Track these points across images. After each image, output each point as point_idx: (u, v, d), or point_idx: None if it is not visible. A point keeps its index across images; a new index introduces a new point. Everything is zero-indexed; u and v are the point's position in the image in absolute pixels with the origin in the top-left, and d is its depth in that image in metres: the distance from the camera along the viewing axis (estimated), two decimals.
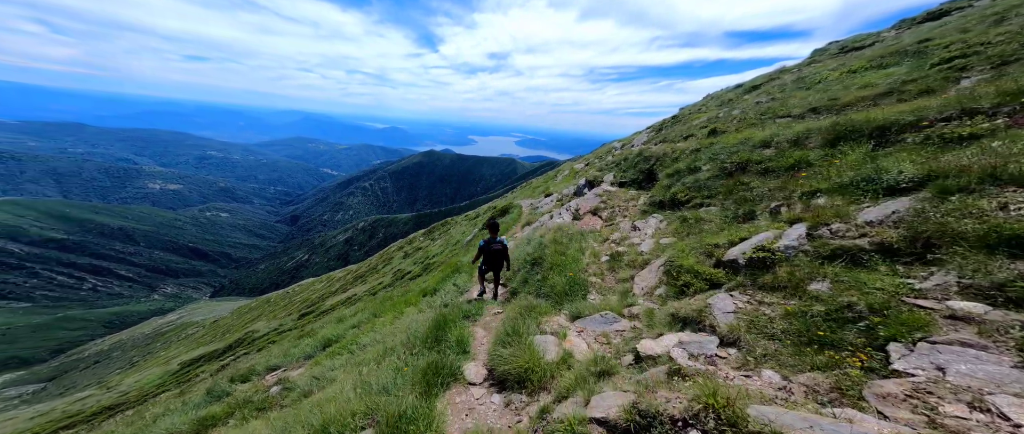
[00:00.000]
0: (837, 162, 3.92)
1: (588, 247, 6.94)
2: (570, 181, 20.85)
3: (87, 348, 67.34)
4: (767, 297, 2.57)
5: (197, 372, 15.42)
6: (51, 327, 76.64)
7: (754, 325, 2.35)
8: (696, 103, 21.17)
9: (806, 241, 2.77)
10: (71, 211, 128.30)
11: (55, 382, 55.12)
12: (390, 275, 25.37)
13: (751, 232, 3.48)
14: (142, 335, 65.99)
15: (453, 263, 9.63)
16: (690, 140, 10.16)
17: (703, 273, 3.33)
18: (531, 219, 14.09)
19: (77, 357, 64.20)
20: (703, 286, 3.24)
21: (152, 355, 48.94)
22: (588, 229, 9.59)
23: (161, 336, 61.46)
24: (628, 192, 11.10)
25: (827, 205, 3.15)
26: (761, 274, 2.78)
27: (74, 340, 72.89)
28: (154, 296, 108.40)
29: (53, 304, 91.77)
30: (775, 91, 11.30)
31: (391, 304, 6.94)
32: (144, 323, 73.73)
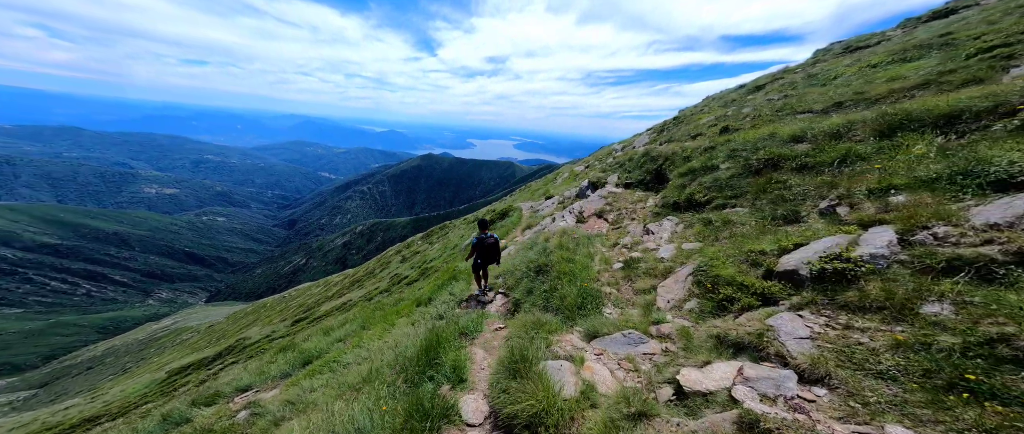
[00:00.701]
0: (901, 155, 3.39)
1: (597, 252, 6.37)
2: (570, 183, 20.34)
3: (80, 354, 66.07)
4: (856, 320, 2.02)
5: (184, 381, 14.69)
6: (44, 333, 75.31)
7: (849, 358, 1.80)
8: (697, 105, 20.76)
9: (900, 249, 2.22)
10: (65, 216, 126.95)
11: (46, 389, 53.97)
12: (387, 280, 24.71)
13: (806, 236, 2.93)
14: (136, 341, 64.85)
15: (450, 269, 9.03)
16: (700, 139, 9.67)
17: (751, 286, 2.77)
18: (532, 222, 13.52)
19: (70, 363, 62.99)
20: (753, 301, 2.68)
21: (145, 361, 47.91)
22: (594, 232, 9.03)
23: (155, 342, 60.35)
24: (635, 193, 10.57)
25: (917, 204, 2.59)
26: (840, 290, 2.22)
27: (67, 346, 71.57)
28: (149, 301, 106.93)
29: (46, 310, 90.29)
30: (786, 89, 10.85)
31: (382, 315, 6.34)
32: (138, 329, 72.53)
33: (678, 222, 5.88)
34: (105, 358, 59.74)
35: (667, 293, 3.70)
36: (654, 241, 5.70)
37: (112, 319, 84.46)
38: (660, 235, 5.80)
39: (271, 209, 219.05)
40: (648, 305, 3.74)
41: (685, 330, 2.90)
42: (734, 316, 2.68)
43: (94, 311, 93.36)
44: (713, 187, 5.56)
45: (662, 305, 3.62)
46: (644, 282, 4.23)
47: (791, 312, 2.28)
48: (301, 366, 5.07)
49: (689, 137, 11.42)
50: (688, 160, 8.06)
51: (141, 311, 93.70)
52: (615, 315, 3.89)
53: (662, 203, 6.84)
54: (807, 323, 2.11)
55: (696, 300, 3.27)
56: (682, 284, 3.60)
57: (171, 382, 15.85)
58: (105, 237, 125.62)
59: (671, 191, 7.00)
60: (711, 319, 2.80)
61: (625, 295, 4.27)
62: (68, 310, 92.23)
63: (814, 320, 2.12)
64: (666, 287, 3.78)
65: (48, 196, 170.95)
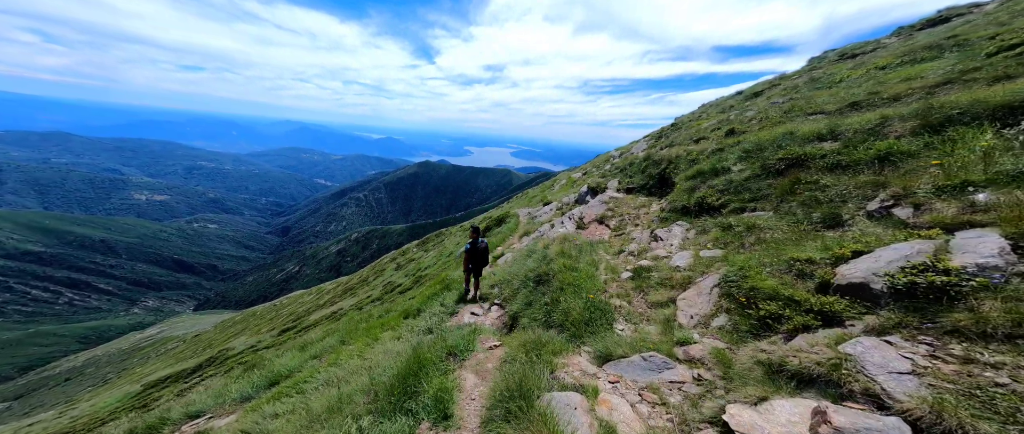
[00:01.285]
0: (961, 149, 2.96)
1: (601, 260, 5.87)
2: (568, 190, 19.95)
3: (59, 365, 63.14)
4: (978, 351, 1.52)
5: (157, 396, 13.64)
6: (21, 343, 72.09)
7: (987, 405, 1.29)
8: (693, 112, 20.71)
9: (1016, 258, 1.74)
10: (50, 223, 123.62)
11: (21, 401, 51.18)
12: (380, 288, 23.90)
13: (867, 242, 2.47)
14: (119, 351, 62.24)
15: (442, 278, 8.44)
16: (704, 142, 9.34)
17: (803, 301, 2.28)
18: (529, 229, 13.01)
19: (48, 374, 60.07)
20: (809, 321, 2.19)
21: (127, 371, 45.76)
22: (596, 239, 8.54)
23: (139, 351, 57.93)
24: (637, 198, 10.16)
25: (1018, 203, 2.11)
26: (941, 311, 1.73)
27: (46, 356, 68.45)
28: (135, 310, 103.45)
29: (26, 319, 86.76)
30: (789, 92, 10.65)
31: (365, 328, 5.72)
32: (122, 338, 69.82)
33: (689, 227, 5.41)
34: (85, 369, 57.15)
35: (689, 307, 3.19)
36: (664, 248, 5.22)
37: (94, 328, 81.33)
38: (670, 241, 5.32)
39: (265, 216, 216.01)
40: (667, 321, 3.22)
41: (721, 353, 2.38)
42: (783, 338, 2.18)
43: (76, 320, 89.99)
44: (727, 190, 5.13)
45: (684, 321, 3.10)
46: (659, 294, 3.72)
47: (873, 337, 1.79)
48: (267, 387, 4.43)
49: (691, 141, 11.11)
50: (694, 163, 7.67)
51: (126, 320, 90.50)
52: (628, 332, 3.35)
53: (669, 208, 6.38)
54: (902, 353, 1.62)
55: (726, 316, 2.76)
56: (707, 297, 3.09)
57: (146, 395, 14.74)
58: (91, 244, 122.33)
59: (678, 195, 6.56)
60: (753, 341, 2.29)
61: (638, 308, 3.74)
62: (48, 319, 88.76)
63: (911, 349, 1.62)
64: (687, 300, 3.27)
65: (34, 203, 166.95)
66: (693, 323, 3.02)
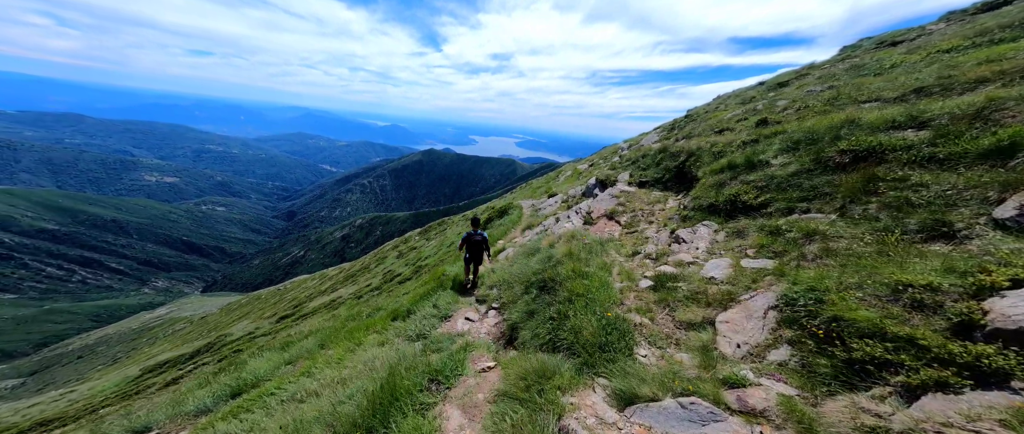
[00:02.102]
0: None
1: (614, 263, 5.17)
2: (573, 182, 19.09)
3: (72, 342, 65.41)
4: None
5: (151, 382, 13.60)
6: (37, 320, 74.67)
7: None
8: (708, 103, 19.45)
9: None
10: (64, 201, 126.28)
11: (36, 377, 53.28)
12: (380, 276, 23.67)
13: None
14: (129, 330, 64.16)
15: (437, 274, 7.85)
16: (729, 134, 8.43)
17: (935, 347, 1.56)
18: (533, 222, 12.31)
19: (61, 351, 62.33)
20: (945, 375, 1.47)
21: (136, 351, 47.13)
22: (605, 236, 7.82)
23: (148, 331, 59.62)
24: (651, 193, 9.36)
25: None
26: None
27: (59, 333, 70.93)
28: (144, 290, 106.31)
29: (40, 296, 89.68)
30: (828, 80, 9.58)
31: (347, 332, 5.16)
32: (132, 317, 71.88)
33: (718, 229, 4.66)
34: (97, 347, 59.07)
35: (734, 332, 2.51)
36: (689, 252, 4.49)
37: (106, 307, 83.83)
38: (695, 245, 4.59)
39: (271, 200, 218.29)
40: (705, 349, 2.54)
41: (793, 406, 1.70)
42: (898, 395, 1.49)
43: (89, 299, 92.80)
44: (768, 186, 4.36)
45: (728, 350, 2.42)
46: (690, 311, 3.03)
47: None
48: (229, 398, 3.92)
49: (713, 132, 10.17)
50: (720, 156, 6.83)
51: (136, 299, 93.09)
52: (653, 359, 2.69)
53: (693, 205, 5.61)
54: None
55: (790, 350, 2.07)
56: (759, 322, 2.41)
57: (142, 380, 14.80)
58: (103, 224, 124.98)
59: (704, 191, 5.77)
60: (845, 392, 1.60)
61: (663, 328, 3.07)
62: (62, 297, 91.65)
63: None
64: (731, 323, 2.59)
65: (48, 182, 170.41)
66: (740, 354, 2.34)
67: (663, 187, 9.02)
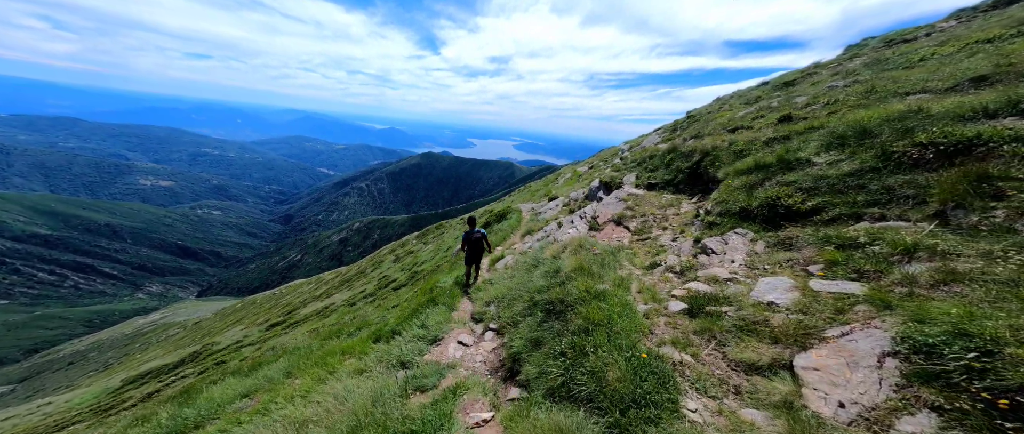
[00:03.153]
0: None
1: (631, 278, 4.51)
2: (573, 184, 18.46)
3: (63, 348, 63.94)
4: None
5: (129, 395, 12.77)
6: (27, 325, 73.09)
7: None
8: (708, 105, 18.90)
9: None
10: (57, 206, 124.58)
11: (25, 384, 51.83)
12: (375, 282, 22.96)
13: None
14: (122, 335, 62.81)
15: (429, 285, 7.15)
16: (745, 132, 7.81)
17: None
18: (533, 227, 11.65)
19: (52, 357, 60.85)
20: None
21: (128, 357, 45.93)
22: (614, 243, 7.15)
23: (142, 337, 58.35)
24: (662, 196, 8.70)
25: None
26: None
27: (51, 339, 69.40)
28: (138, 295, 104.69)
29: (32, 302, 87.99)
30: (849, 75, 9.01)
31: (319, 357, 4.46)
32: (125, 323, 70.51)
33: (755, 238, 4.00)
34: (89, 353, 57.69)
35: (833, 385, 1.83)
36: (722, 266, 3.83)
37: (99, 312, 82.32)
38: (729, 257, 3.93)
39: (268, 204, 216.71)
40: (788, 406, 1.87)
41: None
42: None
43: (81, 304, 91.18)
44: (818, 189, 3.71)
45: (826, 411, 1.76)
46: (749, 347, 2.36)
47: None
48: None
49: (725, 131, 9.56)
50: (742, 155, 6.19)
51: (130, 304, 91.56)
52: (709, 416, 2.02)
53: (720, 210, 4.95)
54: None
55: (934, 418, 1.42)
56: (872, 372, 1.75)
57: (121, 392, 13.97)
58: (96, 228, 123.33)
59: (729, 194, 5.11)
60: None
61: (713, 368, 2.40)
62: (54, 302, 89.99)
63: None
64: (824, 371, 1.91)
65: (41, 186, 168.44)
66: (847, 417, 1.67)
67: (675, 189, 8.37)
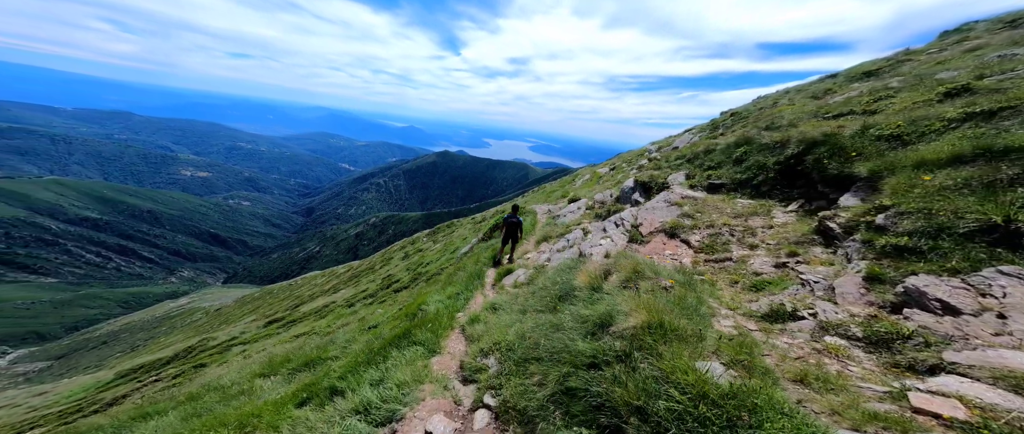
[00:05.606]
0: None
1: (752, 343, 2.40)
2: (593, 186, 16.16)
3: (100, 327, 68.13)
4: None
5: (102, 396, 11.86)
6: (71, 304, 78.80)
7: None
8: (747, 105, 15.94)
9: None
10: (107, 192, 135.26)
11: (62, 361, 55.25)
12: (379, 281, 21.72)
13: None
14: (152, 318, 66.13)
15: (412, 307, 5.26)
16: (853, 119, 5.40)
17: None
18: (550, 233, 9.50)
19: (88, 336, 64.92)
20: None
21: (153, 340, 47.84)
22: (666, 263, 5.00)
23: (169, 320, 61.09)
24: (735, 201, 6.35)
25: None
26: None
27: (90, 318, 74.35)
28: (171, 279, 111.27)
29: (78, 281, 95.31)
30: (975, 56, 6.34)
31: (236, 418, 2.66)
32: (157, 305, 74.38)
33: None
34: (121, 334, 60.95)
35: None
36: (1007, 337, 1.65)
37: (135, 294, 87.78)
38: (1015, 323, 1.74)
39: (292, 196, 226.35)
40: None
41: None
42: None
43: (120, 285, 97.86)
44: None
45: None
46: None
47: None
48: None
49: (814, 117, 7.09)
50: (903, 142, 3.85)
51: (163, 288, 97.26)
52: None
53: (911, 228, 2.68)
54: None
55: None
56: None
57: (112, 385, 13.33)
58: (139, 214, 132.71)
59: (925, 201, 2.82)
60: None
61: None
62: (97, 283, 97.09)
63: None
64: None
65: (96, 174, 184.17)
66: None
67: (754, 192, 6.05)
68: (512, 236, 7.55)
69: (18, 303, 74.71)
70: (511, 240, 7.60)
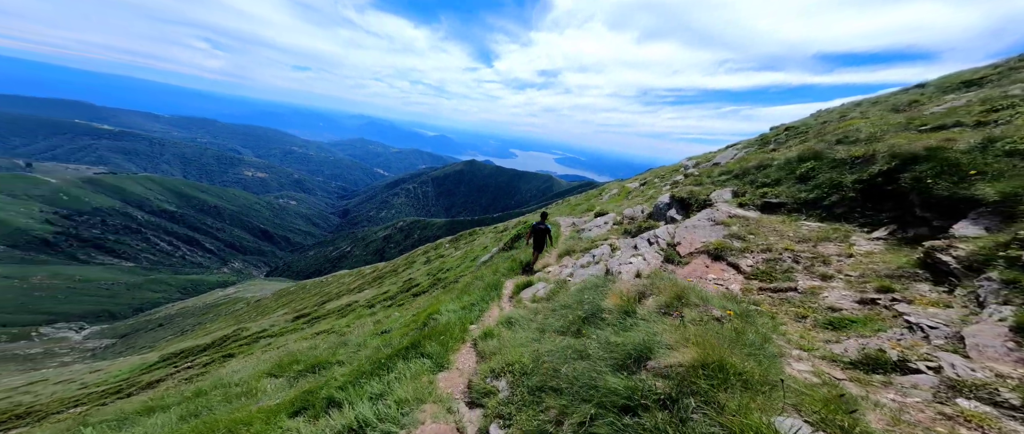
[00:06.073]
0: None
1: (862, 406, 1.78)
2: (621, 201, 15.25)
3: (160, 310, 75.90)
4: None
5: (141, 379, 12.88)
6: (141, 287, 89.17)
7: None
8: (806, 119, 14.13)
9: None
10: (184, 188, 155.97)
11: (124, 340, 61.35)
12: (399, 285, 22.12)
13: None
14: (203, 305, 72.38)
15: (423, 316, 5.00)
16: (967, 131, 4.38)
17: None
18: (574, 247, 8.92)
19: (149, 318, 72.14)
20: None
21: (200, 326, 52.41)
22: (708, 287, 4.28)
23: (216, 308, 66.61)
24: (799, 224, 5.39)
25: None
26: None
27: (154, 301, 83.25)
28: (224, 269, 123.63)
29: (149, 267, 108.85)
30: None
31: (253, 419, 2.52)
32: (208, 293, 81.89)
33: None
34: (175, 318, 67.23)
35: None
36: None
37: (193, 282, 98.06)
38: None
39: (331, 198, 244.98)
40: None
41: None
42: None
43: (183, 272, 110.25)
44: None
45: None
46: None
47: None
48: None
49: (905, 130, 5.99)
50: None
51: (216, 277, 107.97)
52: None
53: None
54: None
55: None
56: None
57: (156, 366, 14.64)
58: (207, 209, 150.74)
59: None
60: None
61: None
62: (165, 269, 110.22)
63: None
64: None
65: (178, 172, 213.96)
66: None
67: (826, 214, 5.11)
68: (540, 243, 7.65)
69: (101, 284, 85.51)
70: (539, 248, 7.73)
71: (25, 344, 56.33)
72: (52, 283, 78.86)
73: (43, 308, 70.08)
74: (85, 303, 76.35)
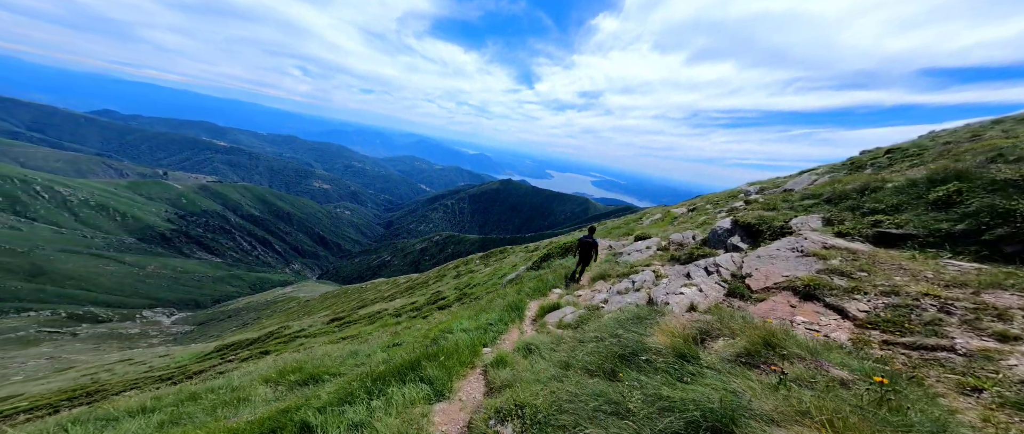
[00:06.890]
0: None
1: None
2: (665, 226, 13.54)
3: (231, 304, 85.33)
4: None
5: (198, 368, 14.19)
6: (221, 280, 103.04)
7: None
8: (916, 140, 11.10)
9: None
10: (268, 196, 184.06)
11: (199, 327, 69.44)
12: (426, 296, 22.24)
13: None
14: (264, 301, 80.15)
15: (436, 331, 4.48)
16: None
17: None
18: (610, 271, 7.88)
19: (222, 309, 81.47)
20: None
21: (257, 321, 58.03)
22: (802, 332, 3.10)
23: (273, 305, 73.41)
24: (940, 262, 3.83)
25: None
26: None
27: (229, 295, 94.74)
28: (286, 270, 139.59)
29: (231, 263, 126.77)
30: None
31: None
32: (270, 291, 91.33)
33: None
34: (241, 311, 74.97)
35: None
36: None
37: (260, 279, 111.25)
38: None
39: (379, 210, 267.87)
40: None
41: None
42: None
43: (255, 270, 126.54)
44: None
45: None
46: None
47: None
48: None
49: None
50: None
51: (279, 277, 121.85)
52: None
53: None
54: None
55: None
56: None
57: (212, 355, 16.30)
58: (282, 214, 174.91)
59: None
60: None
61: None
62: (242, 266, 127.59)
63: None
64: None
65: (265, 182, 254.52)
66: None
67: (988, 253, 3.57)
68: (586, 258, 7.59)
69: (194, 275, 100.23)
70: (584, 262, 7.69)
71: (129, 324, 66.87)
72: (161, 272, 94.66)
73: (150, 294, 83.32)
74: (179, 292, 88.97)
